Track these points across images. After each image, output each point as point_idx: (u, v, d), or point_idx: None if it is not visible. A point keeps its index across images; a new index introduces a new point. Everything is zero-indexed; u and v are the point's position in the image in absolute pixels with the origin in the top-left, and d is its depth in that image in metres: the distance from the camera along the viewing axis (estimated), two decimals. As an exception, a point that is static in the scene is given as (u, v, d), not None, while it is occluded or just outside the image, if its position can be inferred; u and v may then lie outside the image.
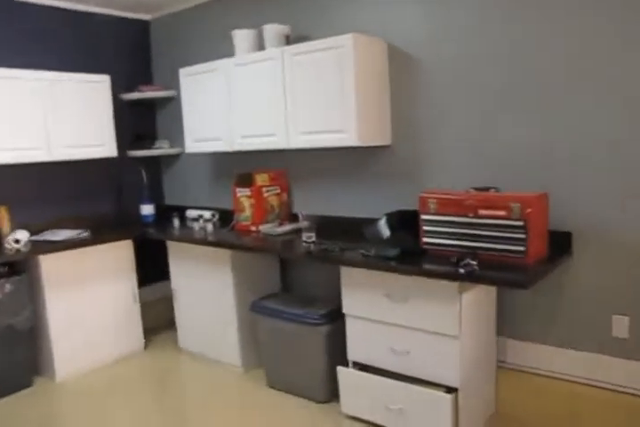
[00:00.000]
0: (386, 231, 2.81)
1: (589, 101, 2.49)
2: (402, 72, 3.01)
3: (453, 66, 2.83)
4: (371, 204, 3.23)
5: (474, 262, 2.27)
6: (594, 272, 2.60)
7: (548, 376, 2.79)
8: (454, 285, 2.29)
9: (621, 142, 2.44)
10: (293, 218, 3.54)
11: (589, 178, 2.54)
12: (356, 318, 2.66)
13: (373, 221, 2.88)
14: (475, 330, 2.50)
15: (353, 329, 2.69)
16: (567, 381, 2.74)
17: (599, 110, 2.48)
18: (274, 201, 3.51)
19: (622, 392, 2.59)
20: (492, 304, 2.68)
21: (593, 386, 2.67)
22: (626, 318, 2.55)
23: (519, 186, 2.67)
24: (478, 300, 2.51)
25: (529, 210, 2.26)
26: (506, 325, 2.87)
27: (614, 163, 2.47)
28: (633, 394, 2.57)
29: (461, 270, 2.21)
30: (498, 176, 2.76)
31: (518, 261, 2.31)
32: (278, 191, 3.55)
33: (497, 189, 2.53)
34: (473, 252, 2.39)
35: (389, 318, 2.53)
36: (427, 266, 2.38)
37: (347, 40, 2.77)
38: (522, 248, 2.29)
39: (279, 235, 3.25)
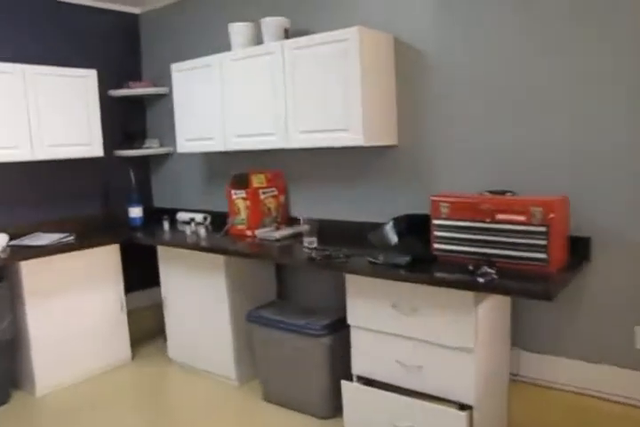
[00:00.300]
0: (393, 237, 2.64)
1: (610, 103, 2.35)
2: (409, 68, 2.85)
3: (466, 63, 2.67)
4: (375, 207, 3.06)
5: (492, 271, 2.12)
6: (614, 280, 2.45)
7: (563, 390, 2.63)
8: (470, 295, 2.13)
9: (645, 143, 2.31)
10: (291, 222, 3.36)
11: (609, 181, 2.39)
12: (362, 329, 2.49)
13: (379, 226, 2.71)
14: (490, 342, 2.34)
15: (358, 341, 2.52)
16: (584, 395, 2.57)
17: (620, 113, 2.33)
18: (271, 204, 3.33)
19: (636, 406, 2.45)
20: (507, 314, 2.53)
21: (612, 401, 2.51)
22: (650, 330, 2.41)
23: (534, 189, 2.52)
24: (493, 310, 2.36)
25: (552, 215, 2.11)
26: (519, 335, 2.71)
27: (636, 166, 2.33)
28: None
29: (480, 280, 2.05)
30: (512, 179, 2.60)
31: (539, 270, 2.16)
32: (275, 193, 3.37)
33: (513, 193, 2.37)
34: (489, 259, 2.23)
35: (398, 329, 2.36)
36: (441, 274, 2.22)
37: (352, 33, 2.61)
38: (543, 256, 2.14)
39: (277, 240, 3.07)
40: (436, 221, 2.43)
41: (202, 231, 3.35)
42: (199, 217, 3.58)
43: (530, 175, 2.56)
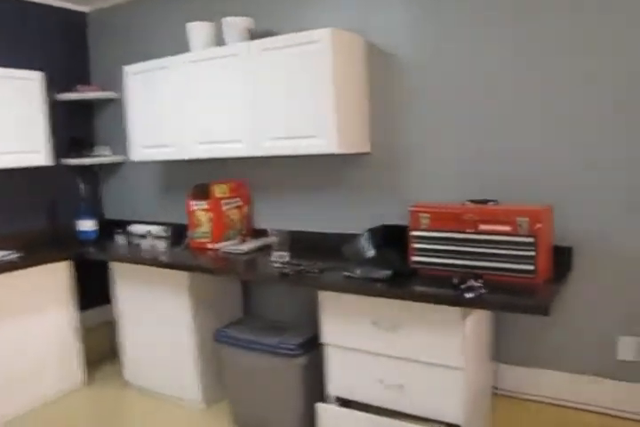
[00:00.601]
0: (369, 249, 2.52)
1: (594, 113, 2.31)
2: (381, 73, 2.73)
3: (442, 68, 2.58)
4: (349, 218, 2.92)
5: (478, 284, 2.02)
6: (596, 290, 2.41)
7: (545, 402, 2.57)
8: (457, 310, 2.03)
9: (624, 154, 2.27)
10: (257, 234, 3.19)
11: (591, 191, 2.35)
12: (338, 347, 2.35)
13: (353, 238, 2.58)
14: (476, 358, 2.25)
15: (334, 360, 2.38)
16: (567, 407, 2.52)
17: (603, 123, 2.29)
18: (234, 215, 3.15)
19: (626, 418, 2.41)
20: (489, 328, 2.44)
21: (595, 412, 2.46)
22: (633, 339, 2.37)
23: (515, 198, 2.44)
24: (478, 324, 2.26)
25: (539, 225, 2.03)
26: (499, 348, 2.64)
27: (617, 175, 2.29)
28: (632, 419, 2.39)
29: (468, 294, 1.95)
30: (491, 188, 2.52)
31: (526, 282, 2.07)
32: (239, 204, 3.19)
33: (496, 202, 2.29)
34: (475, 272, 2.14)
35: (377, 347, 2.24)
36: (425, 289, 2.11)
37: (324, 34, 2.47)
38: (531, 267, 2.06)
39: (245, 253, 2.89)
40: (415, 233, 2.32)
41: (160, 245, 3.13)
42: (157, 230, 3.35)
43: (510, 184, 2.49)
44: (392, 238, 2.51)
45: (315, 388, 2.50)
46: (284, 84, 2.62)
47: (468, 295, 1.93)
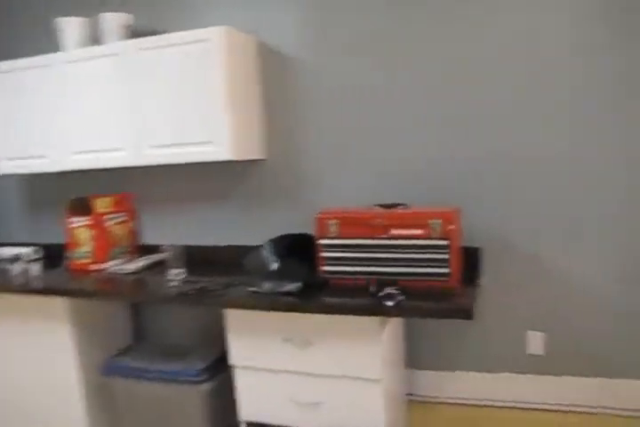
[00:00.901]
0: (273, 261, 2.37)
1: (496, 113, 2.35)
2: (276, 74, 2.61)
3: (339, 70, 2.51)
4: (248, 229, 2.75)
5: (396, 292, 1.94)
6: (503, 289, 2.45)
7: (461, 404, 2.56)
8: (374, 320, 1.94)
9: (524, 153, 2.33)
10: (146, 250, 2.91)
11: (493, 192, 2.39)
12: (248, 369, 2.17)
13: (255, 250, 2.42)
14: (393, 368, 2.17)
15: (245, 383, 2.19)
16: (484, 406, 2.53)
17: (508, 122, 2.34)
18: (120, 231, 2.85)
19: (540, 409, 2.46)
20: (401, 335, 2.39)
21: (511, 407, 2.49)
22: (541, 334, 2.43)
23: (418, 202, 2.43)
24: (393, 333, 2.19)
25: (451, 227, 2.00)
26: (412, 354, 2.60)
27: (518, 175, 2.35)
28: (548, 410, 2.45)
29: (388, 303, 1.86)
30: (397, 192, 2.49)
31: (442, 285, 2.03)
32: (125, 219, 2.89)
33: (405, 206, 2.24)
34: (390, 279, 2.06)
35: (292, 365, 2.09)
36: (340, 300, 1.99)
37: (216, 33, 2.30)
38: (446, 270, 2.02)
39: (132, 273, 2.61)
40: (323, 241, 2.20)
41: (34, 269, 2.74)
42: (27, 252, 2.95)
43: (415, 187, 2.47)
44: (297, 248, 2.39)
45: (224, 415, 2.29)
46: (171, 87, 2.41)
47: (388, 303, 1.85)
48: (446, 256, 2.01)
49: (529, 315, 2.44)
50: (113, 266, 2.68)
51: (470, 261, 2.34)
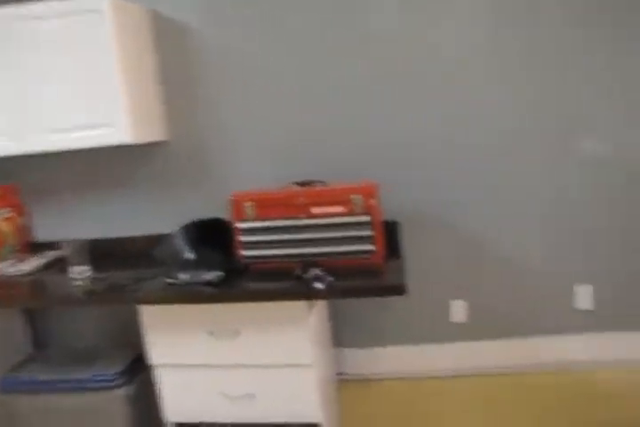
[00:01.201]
0: (186, 249, 2.21)
1: (409, 85, 2.31)
2: (174, 49, 2.40)
3: (245, 44, 2.35)
4: (156, 217, 2.54)
5: (322, 273, 1.87)
6: (424, 261, 2.46)
7: (392, 378, 2.56)
8: (302, 304, 1.86)
9: (443, 126, 2.33)
10: (40, 248, 2.62)
11: (412, 166, 2.37)
12: (172, 367, 2.02)
13: (165, 239, 2.25)
14: (323, 350, 2.11)
15: (169, 383, 2.04)
16: (414, 378, 2.55)
17: (420, 102, 2.31)
18: (6, 228, 2.55)
19: (467, 375, 2.52)
20: (326, 315, 2.33)
21: (441, 377, 2.53)
22: (462, 303, 2.47)
23: (336, 178, 2.35)
24: (319, 315, 2.13)
25: (372, 201, 1.95)
26: (339, 333, 2.56)
27: (437, 147, 2.35)
28: (475, 375, 2.52)
29: (318, 285, 1.78)
30: (312, 169, 2.40)
31: (368, 262, 1.99)
32: (10, 215, 2.58)
33: (323, 183, 2.16)
34: (313, 260, 1.98)
35: (218, 359, 1.97)
36: (266, 285, 1.89)
37: (102, 3, 2.06)
38: (371, 247, 1.97)
39: (26, 274, 2.34)
40: (240, 225, 2.08)
41: None
42: None
43: (330, 164, 2.40)
44: (212, 234, 2.24)
45: (150, 419, 2.13)
46: (56, 63, 2.14)
47: (319, 286, 1.77)
48: (370, 233, 1.96)
49: (451, 285, 2.47)
50: (2, 268, 2.39)
51: (391, 235, 2.32)
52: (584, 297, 2.44)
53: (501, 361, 2.51)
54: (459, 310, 2.48)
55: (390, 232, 2.31)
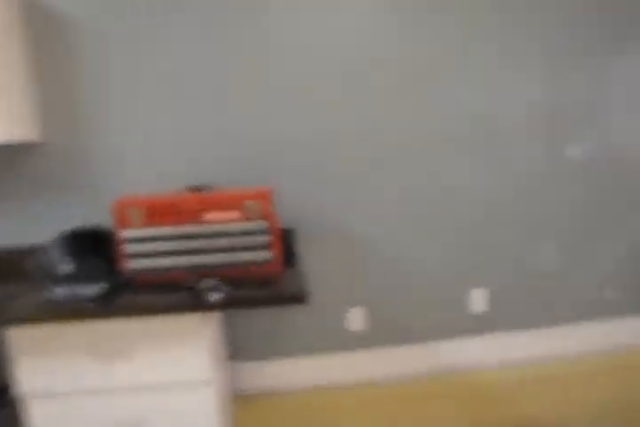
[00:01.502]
0: (63, 262, 1.99)
1: (305, 87, 2.24)
2: (49, 39, 2.16)
3: (133, 36, 2.16)
4: (28, 226, 2.25)
5: (217, 283, 1.74)
6: (321, 268, 2.39)
7: (290, 391, 2.47)
8: (194, 318, 1.72)
9: (335, 128, 2.28)
10: None
11: (305, 169, 2.30)
12: (45, 397, 1.78)
13: (39, 250, 2.02)
14: (220, 364, 1.98)
15: (40, 415, 1.79)
16: (312, 390, 2.47)
17: (311, 97, 2.25)
18: None
19: (367, 384, 2.48)
20: (221, 328, 2.20)
21: (341, 387, 2.47)
22: (360, 309, 2.43)
23: (228, 183, 2.24)
24: (214, 328, 1.99)
25: (268, 207, 1.85)
26: (233, 346, 2.42)
27: (331, 152, 2.29)
28: (375, 383, 2.49)
29: (212, 297, 1.65)
30: (203, 174, 2.25)
31: (265, 271, 1.88)
32: None
33: (211, 188, 2.03)
34: (207, 270, 1.85)
35: (102, 383, 1.77)
36: (155, 299, 1.72)
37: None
38: (268, 254, 1.87)
39: None
40: (125, 234, 1.90)
41: None
42: None
43: (223, 168, 2.26)
44: (93, 244, 2.04)
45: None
46: None
47: (214, 297, 1.64)
48: (267, 240, 1.86)
49: (348, 292, 2.43)
50: None
51: (286, 242, 2.23)
52: (479, 300, 2.50)
53: (400, 368, 2.50)
54: (356, 318, 2.44)
55: (286, 239, 2.24)
